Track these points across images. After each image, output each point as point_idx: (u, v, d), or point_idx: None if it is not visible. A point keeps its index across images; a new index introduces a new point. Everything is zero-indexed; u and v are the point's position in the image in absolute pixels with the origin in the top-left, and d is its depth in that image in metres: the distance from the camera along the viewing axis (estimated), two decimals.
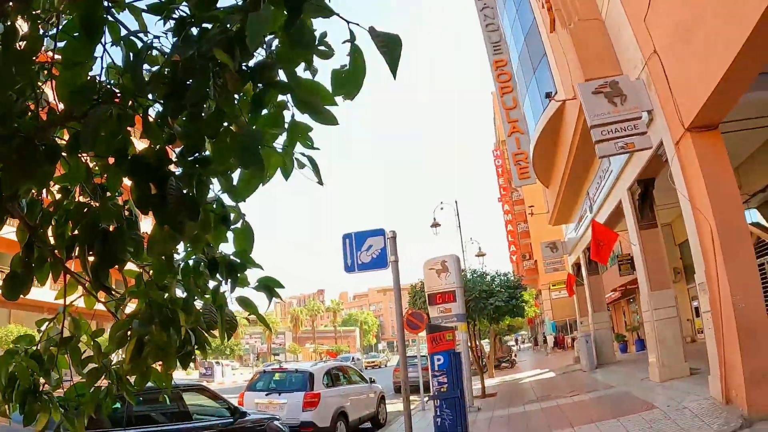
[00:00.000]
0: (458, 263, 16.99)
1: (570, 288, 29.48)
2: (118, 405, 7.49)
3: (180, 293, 2.64)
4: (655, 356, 13.96)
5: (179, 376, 47.76)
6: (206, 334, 2.68)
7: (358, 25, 1.91)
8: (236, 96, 2.17)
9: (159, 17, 2.17)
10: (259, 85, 2.15)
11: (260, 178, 2.31)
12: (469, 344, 19.42)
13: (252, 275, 2.77)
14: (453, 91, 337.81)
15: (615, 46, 13.29)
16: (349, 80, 2.07)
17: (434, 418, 8.05)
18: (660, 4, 10.43)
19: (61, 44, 2.27)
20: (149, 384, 2.65)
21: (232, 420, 9.27)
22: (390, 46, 1.90)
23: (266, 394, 13.57)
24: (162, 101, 2.15)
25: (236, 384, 49.55)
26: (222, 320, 2.70)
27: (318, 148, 2.37)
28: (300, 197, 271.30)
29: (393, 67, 1.89)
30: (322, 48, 2.09)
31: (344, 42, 1.95)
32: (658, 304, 13.86)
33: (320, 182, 2.43)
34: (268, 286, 2.77)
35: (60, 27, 2.31)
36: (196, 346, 2.66)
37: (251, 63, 2.07)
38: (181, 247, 2.58)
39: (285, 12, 1.90)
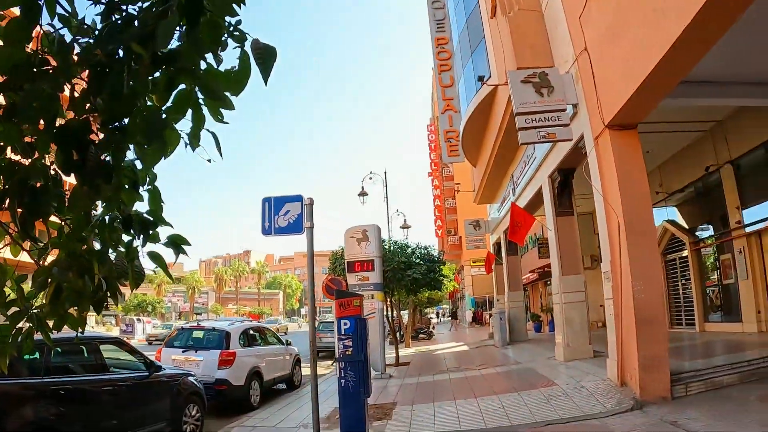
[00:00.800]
0: (379, 233, 17.32)
1: (488, 266, 30.34)
2: (36, 355, 7.66)
3: (97, 246, 2.92)
4: (562, 337, 14.74)
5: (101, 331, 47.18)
6: (118, 284, 3.00)
7: (248, 34, 2.49)
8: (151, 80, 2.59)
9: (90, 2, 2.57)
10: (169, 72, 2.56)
11: (162, 151, 2.73)
12: (385, 313, 19.92)
13: (164, 233, 3.11)
14: (399, 60, 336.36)
15: (550, 39, 13.78)
16: (237, 79, 2.59)
17: (338, 380, 8.42)
18: (595, 4, 10.88)
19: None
20: (67, 335, 2.92)
21: (147, 374, 9.43)
22: (265, 58, 2.44)
23: (183, 351, 13.70)
24: (86, 81, 2.54)
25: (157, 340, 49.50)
26: (132, 271, 2.99)
27: (227, 122, 2.79)
28: (250, 164, 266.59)
29: (265, 75, 2.46)
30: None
31: (234, 47, 2.52)
32: (568, 288, 14.60)
33: (220, 155, 2.87)
34: (176, 243, 3.10)
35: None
36: (109, 294, 2.96)
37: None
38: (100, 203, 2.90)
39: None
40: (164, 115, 2.63)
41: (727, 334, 16.05)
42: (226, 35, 2.51)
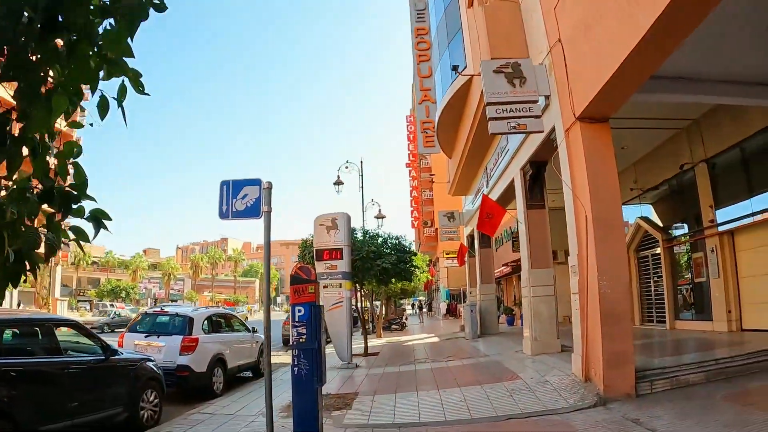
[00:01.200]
0: (348, 222, 17.10)
1: (461, 258, 30.24)
2: None
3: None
4: (530, 331, 14.61)
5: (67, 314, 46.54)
6: (36, 256, 2.86)
7: None
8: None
9: None
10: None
11: (48, 117, 2.74)
12: (354, 303, 19.78)
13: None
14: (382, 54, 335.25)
15: (526, 30, 13.65)
16: (115, 40, 2.68)
17: (291, 368, 8.23)
18: None
19: None
20: (21, 316, 2.79)
21: (103, 357, 9.23)
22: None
23: (145, 336, 13.48)
24: None
25: None
26: (46, 244, 2.96)
27: (148, 94, 2.74)
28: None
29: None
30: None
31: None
32: (537, 282, 14.48)
33: (125, 124, 2.76)
34: (97, 218, 2.93)
35: None
36: (28, 268, 2.88)
37: None
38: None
39: None
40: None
41: (697, 333, 16.06)
42: None
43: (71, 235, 3.02)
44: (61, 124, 3.00)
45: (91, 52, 2.65)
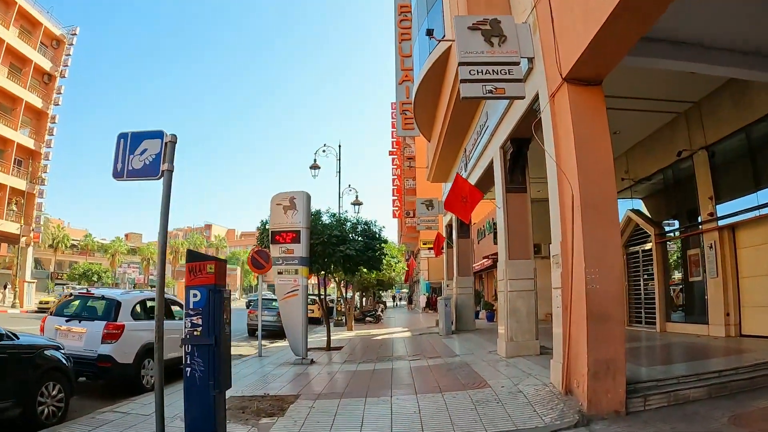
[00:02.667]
0: (308, 201, 15.44)
1: (437, 248, 28.51)
2: None
3: None
4: (505, 330, 12.92)
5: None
6: None
7: None
8: None
9: None
10: None
11: None
12: (311, 291, 18.32)
13: None
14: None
15: None
16: None
17: (183, 368, 6.53)
18: None
19: None
20: None
21: None
22: None
23: (67, 321, 11.95)
24: None
25: None
26: None
27: None
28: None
29: None
30: None
31: None
32: (515, 275, 12.78)
33: None
34: None
35: None
36: None
37: None
38: None
39: None
40: None
41: (690, 337, 14.47)
42: None
43: None
44: None
45: None
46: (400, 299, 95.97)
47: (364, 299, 54.00)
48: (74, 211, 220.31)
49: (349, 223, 18.96)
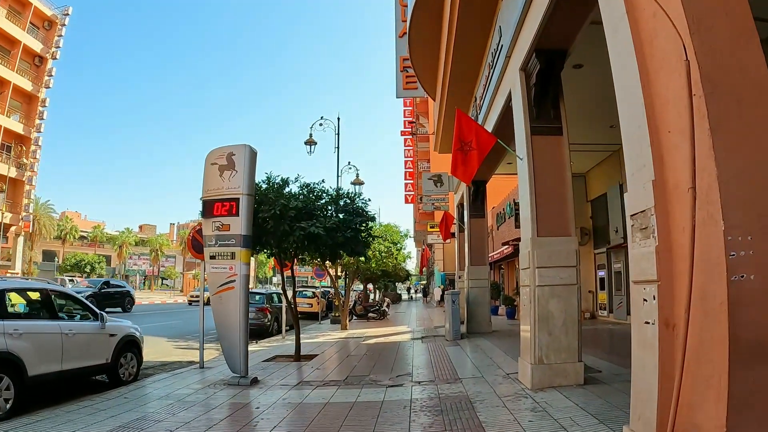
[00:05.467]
0: (252, 159, 10.90)
1: (445, 229, 23.51)
2: None
3: None
4: (531, 346, 8.26)
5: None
6: None
7: None
8: None
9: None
10: None
11: None
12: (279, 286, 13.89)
13: None
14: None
15: None
16: None
17: None
18: None
19: None
20: None
21: None
22: None
23: None
24: None
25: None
26: None
27: None
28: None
29: None
30: None
31: None
32: (547, 260, 8.13)
33: None
34: None
35: None
36: None
37: None
38: None
39: None
40: None
41: None
42: None
43: None
44: None
45: None
46: (416, 292, 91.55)
47: (376, 293, 49.48)
48: (92, 204, 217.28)
49: (326, 196, 14.07)
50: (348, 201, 14.40)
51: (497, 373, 10.00)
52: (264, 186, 12.92)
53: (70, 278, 50.42)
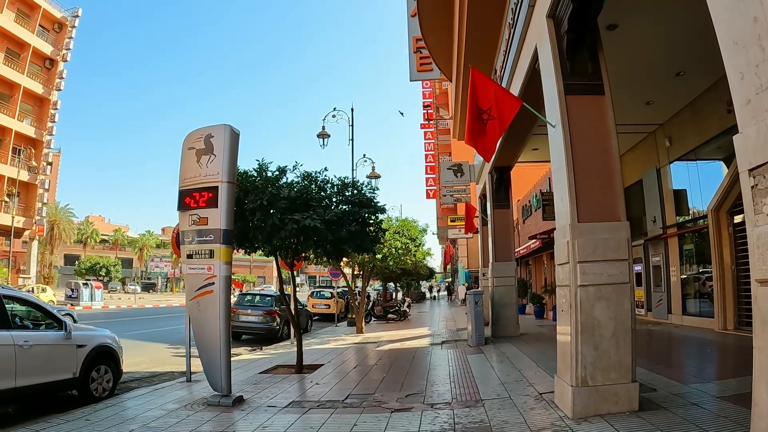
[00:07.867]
0: (233, 142, 9.21)
1: (469, 222, 21.62)
2: None
3: None
4: (573, 360, 6.47)
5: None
6: None
7: None
8: None
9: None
10: None
11: None
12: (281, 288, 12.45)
13: None
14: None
15: None
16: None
17: None
18: None
19: None
20: None
21: None
22: None
23: None
24: None
25: (107, 309, 42.84)
26: None
27: None
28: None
29: None
30: None
31: None
32: (590, 253, 6.34)
33: None
34: None
35: None
36: None
37: None
38: None
39: None
40: None
41: None
42: None
43: None
44: None
45: None
46: (438, 290, 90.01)
47: (400, 292, 47.72)
48: (118, 208, 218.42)
49: (330, 186, 12.25)
50: (356, 191, 12.67)
51: (528, 393, 8.18)
52: (255, 175, 11.24)
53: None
